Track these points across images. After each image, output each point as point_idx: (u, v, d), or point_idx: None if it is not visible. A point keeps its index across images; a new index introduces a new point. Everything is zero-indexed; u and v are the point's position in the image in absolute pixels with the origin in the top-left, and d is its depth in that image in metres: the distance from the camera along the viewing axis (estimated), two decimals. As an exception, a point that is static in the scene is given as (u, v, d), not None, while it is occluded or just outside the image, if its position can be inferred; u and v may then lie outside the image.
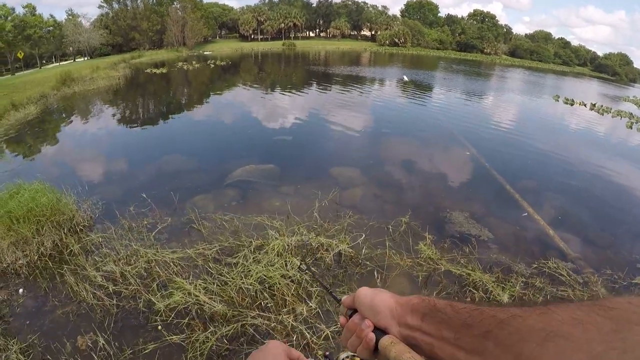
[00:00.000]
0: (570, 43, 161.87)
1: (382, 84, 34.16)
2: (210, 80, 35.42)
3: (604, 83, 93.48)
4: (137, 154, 12.28)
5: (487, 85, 42.94)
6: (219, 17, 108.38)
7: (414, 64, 66.65)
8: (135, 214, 7.23)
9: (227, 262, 5.74)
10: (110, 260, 5.59)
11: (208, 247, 6.13)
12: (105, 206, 7.70)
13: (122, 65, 43.17)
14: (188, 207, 7.77)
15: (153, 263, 5.57)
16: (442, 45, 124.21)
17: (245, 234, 6.56)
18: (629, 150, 19.06)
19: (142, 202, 7.62)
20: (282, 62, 58.57)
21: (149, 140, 14.31)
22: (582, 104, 33.18)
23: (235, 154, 11.78)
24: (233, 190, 8.97)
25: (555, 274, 6.41)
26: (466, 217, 8.33)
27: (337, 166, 10.98)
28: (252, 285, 5.10)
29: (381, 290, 1.08)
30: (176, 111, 20.19)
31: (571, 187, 11.58)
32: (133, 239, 6.27)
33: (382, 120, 18.53)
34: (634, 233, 8.97)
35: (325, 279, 5.66)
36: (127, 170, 10.63)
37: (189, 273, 5.50)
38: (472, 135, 16.27)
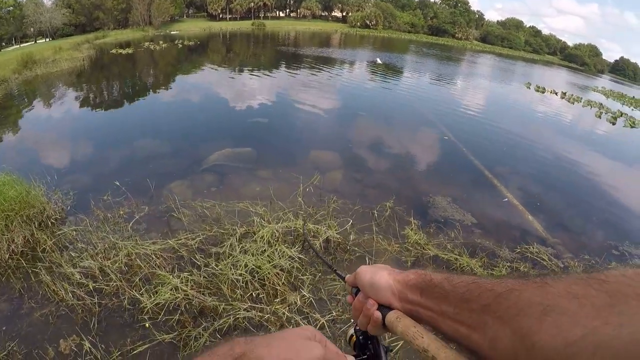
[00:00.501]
0: (541, 32, 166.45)
1: (355, 66, 34.20)
2: (179, 61, 34.71)
3: (573, 72, 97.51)
4: (107, 139, 11.75)
5: (460, 71, 43.60)
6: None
7: (386, 46, 67.10)
8: (110, 204, 6.88)
9: (212, 252, 5.48)
10: (87, 255, 5.24)
11: (191, 236, 5.87)
12: (77, 196, 7.27)
13: (86, 46, 41.90)
14: (165, 194, 7.48)
15: (133, 256, 5.25)
16: (413, 28, 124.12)
17: (228, 221, 6.35)
18: (599, 139, 19.83)
19: (116, 191, 7.27)
20: (252, 42, 57.91)
21: (119, 125, 13.78)
22: (554, 92, 34.40)
23: (210, 137, 11.49)
24: (211, 175, 8.72)
25: (537, 259, 6.60)
26: (449, 201, 8.44)
27: (315, 149, 10.88)
28: (242, 275, 4.89)
29: (379, 267, 1.10)
30: (145, 94, 19.64)
31: (546, 173, 11.99)
32: (110, 231, 5.93)
33: (357, 102, 18.52)
34: (606, 219, 9.32)
35: (316, 266, 5.47)
36: (97, 156, 10.16)
37: (172, 265, 5.23)
38: (448, 120, 16.51)
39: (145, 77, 25.06)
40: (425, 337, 0.89)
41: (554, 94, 33.63)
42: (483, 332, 0.74)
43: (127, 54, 34.95)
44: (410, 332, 0.92)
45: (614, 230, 8.70)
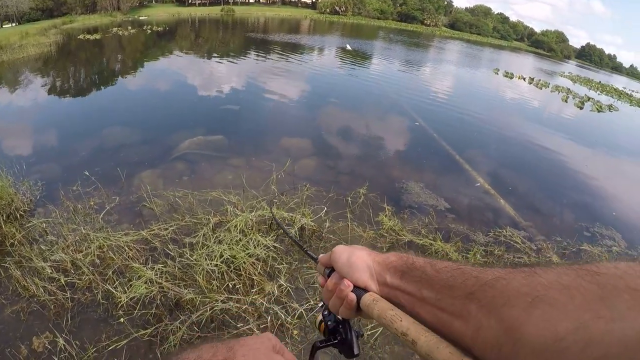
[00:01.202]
0: (509, 18, 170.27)
1: (325, 53, 34.16)
2: (147, 47, 34.10)
3: (540, 58, 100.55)
4: (76, 128, 11.51)
5: (428, 57, 43.90)
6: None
7: (355, 32, 67.40)
8: (80, 194, 6.72)
9: (186, 242, 5.41)
10: (58, 248, 5.10)
11: (163, 227, 5.76)
12: (46, 187, 7.10)
13: (53, 32, 40.91)
14: (136, 184, 7.38)
15: (106, 248, 5.14)
16: (382, 15, 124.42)
17: (201, 210, 6.27)
18: (568, 123, 20.68)
19: (86, 181, 7.10)
20: (221, 28, 57.15)
21: (87, 113, 13.44)
22: (522, 77, 35.50)
23: (180, 125, 11.33)
24: (182, 163, 8.61)
25: (510, 242, 6.73)
26: (421, 187, 8.55)
27: (287, 137, 10.85)
28: (218, 266, 4.84)
29: (357, 247, 1.07)
30: (113, 80, 19.17)
31: (517, 158, 12.43)
32: (81, 222, 5.77)
33: (328, 89, 18.57)
34: (577, 202, 9.76)
35: (291, 254, 5.46)
36: (66, 145, 9.89)
37: (146, 257, 5.14)
38: (419, 106, 16.78)
39: (113, 64, 24.58)
40: (404, 320, 0.86)
41: (522, 79, 34.47)
42: (466, 321, 0.73)
43: (94, 40, 34.18)
44: (387, 316, 0.89)
45: (584, 212, 9.01)
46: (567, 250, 6.85)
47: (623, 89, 53.91)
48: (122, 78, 19.50)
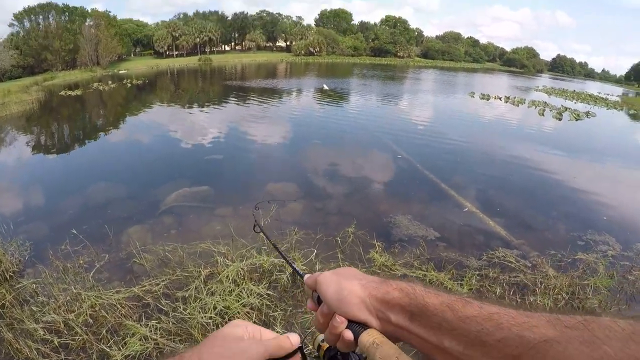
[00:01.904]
0: (479, 41, 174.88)
1: (303, 95, 34.53)
2: (128, 100, 34.35)
3: (514, 76, 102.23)
4: (61, 185, 11.57)
5: (405, 89, 44.43)
6: (134, 33, 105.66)
7: (331, 72, 68.31)
8: (69, 253, 6.69)
9: (179, 296, 5.39)
10: (49, 309, 5.07)
11: (155, 282, 5.75)
12: (34, 247, 7.10)
13: (35, 89, 41.18)
14: (125, 240, 7.37)
15: (98, 307, 5.11)
16: (356, 51, 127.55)
17: (192, 263, 6.24)
18: (548, 135, 21.07)
19: (74, 239, 7.05)
20: (200, 78, 57.90)
21: (72, 169, 13.56)
22: (498, 97, 35.97)
23: (165, 178, 11.35)
24: (170, 217, 8.62)
25: (504, 262, 6.76)
26: (409, 219, 8.55)
27: (273, 182, 10.89)
28: (212, 318, 4.84)
29: (346, 275, 0.97)
30: (97, 136, 19.28)
31: (501, 177, 12.52)
32: (71, 282, 5.73)
33: (309, 130, 18.81)
34: (567, 212, 9.87)
35: (286, 300, 5.45)
36: (52, 203, 9.91)
37: (139, 314, 5.11)
38: (400, 138, 16.97)
39: (95, 119, 24.77)
40: None
41: (498, 99, 35.23)
42: None
43: (76, 96, 34.40)
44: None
45: (575, 221, 9.14)
46: (562, 262, 6.89)
47: (598, 94, 55.73)
48: (105, 133, 19.57)
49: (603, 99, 45.54)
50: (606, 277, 6.29)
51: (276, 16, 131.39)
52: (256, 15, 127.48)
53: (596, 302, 5.64)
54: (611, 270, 6.58)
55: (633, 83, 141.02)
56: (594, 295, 5.82)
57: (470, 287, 5.77)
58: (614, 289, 6.20)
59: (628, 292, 6.18)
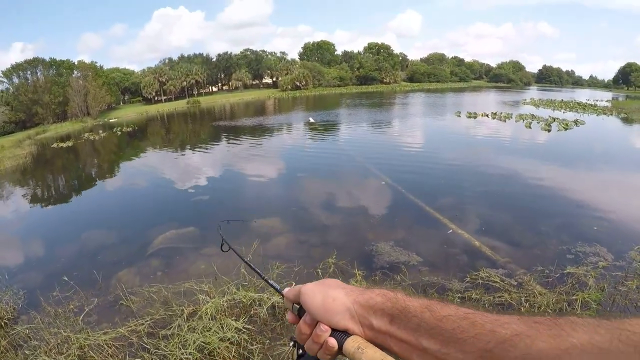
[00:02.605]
0: (464, 60, 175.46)
1: (291, 129, 34.85)
2: (119, 148, 34.90)
3: (502, 91, 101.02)
4: (54, 235, 11.95)
5: (391, 114, 44.49)
6: (121, 82, 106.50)
7: (318, 104, 67.91)
8: (60, 299, 7.06)
9: (161, 334, 5.68)
10: (41, 352, 5.40)
11: (140, 322, 6.05)
12: (27, 294, 7.50)
13: (28, 142, 41.88)
14: (113, 283, 7.68)
15: (86, 348, 5.44)
16: (342, 81, 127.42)
17: (175, 302, 6.53)
18: (536, 148, 20.91)
19: (65, 285, 7.45)
20: (189, 120, 58.37)
21: (65, 218, 13.93)
22: (485, 115, 35.48)
23: (153, 221, 11.72)
24: (156, 259, 8.90)
25: (489, 283, 6.68)
26: (392, 245, 8.55)
27: (257, 218, 10.97)
28: (192, 354, 5.10)
29: (330, 285, 0.99)
30: (88, 185, 19.78)
31: (487, 195, 12.29)
32: (61, 326, 6.08)
33: (295, 164, 19.04)
34: (556, 225, 9.54)
35: (264, 334, 5.68)
36: (45, 253, 10.32)
37: (125, 353, 5.42)
38: (384, 164, 16.99)
39: (88, 168, 25.23)
40: None
41: (485, 116, 34.89)
42: None
43: (68, 147, 34.91)
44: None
45: (564, 234, 8.91)
46: (550, 278, 6.74)
47: (587, 101, 55.07)
48: (96, 182, 20.16)
49: (592, 106, 45.08)
50: (596, 291, 6.20)
51: (260, 54, 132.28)
52: (240, 55, 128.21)
53: None
54: (602, 283, 6.47)
55: (622, 86, 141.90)
56: (582, 310, 5.73)
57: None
58: (605, 302, 6.06)
59: (620, 304, 6.03)
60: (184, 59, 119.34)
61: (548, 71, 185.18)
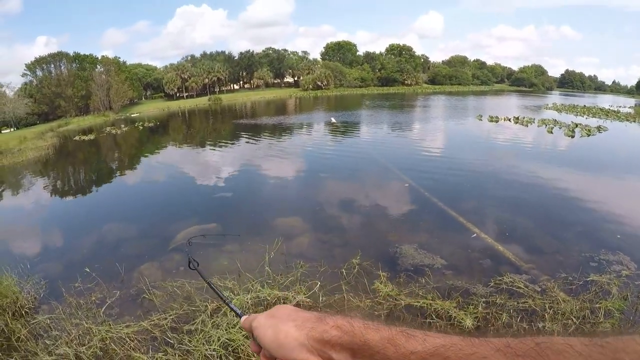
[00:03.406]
0: (485, 63, 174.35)
1: (312, 129, 34.66)
2: (140, 142, 35.13)
3: (524, 95, 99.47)
4: (76, 226, 11.93)
5: (413, 117, 44.14)
6: (144, 77, 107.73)
7: (339, 104, 67.96)
8: (82, 290, 6.97)
9: (185, 329, 5.56)
10: (62, 343, 5.31)
11: (163, 316, 5.94)
12: (49, 284, 7.42)
13: (50, 134, 42.29)
14: (136, 277, 7.59)
15: (108, 340, 5.33)
16: (364, 82, 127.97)
17: (199, 298, 6.41)
18: (557, 153, 20.60)
19: (87, 277, 7.35)
20: (210, 117, 58.68)
21: (86, 210, 13.91)
22: (507, 119, 35.11)
23: (176, 216, 11.61)
24: (179, 254, 8.76)
25: (513, 288, 6.55)
26: (415, 248, 8.41)
27: (280, 217, 10.94)
28: (217, 350, 4.97)
29: (280, 318, 0.93)
30: (110, 178, 19.80)
31: (510, 199, 12.06)
32: (83, 317, 5.99)
33: (318, 165, 18.83)
34: (579, 232, 9.42)
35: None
36: (67, 243, 10.30)
37: (147, 347, 5.30)
38: (408, 166, 16.85)
39: (109, 161, 25.28)
40: None
41: (507, 120, 34.54)
42: None
43: (89, 140, 35.22)
44: None
45: (587, 241, 8.76)
46: (573, 285, 6.64)
47: (610, 107, 53.85)
48: (119, 175, 20.13)
49: (615, 112, 43.98)
50: (619, 299, 6.05)
51: (282, 52, 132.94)
52: (262, 53, 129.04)
53: (608, 325, 5.41)
54: (625, 292, 6.32)
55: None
56: (605, 319, 5.57)
57: (475, 315, 5.69)
58: (628, 310, 5.91)
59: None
60: (206, 57, 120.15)
61: (570, 76, 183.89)
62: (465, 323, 5.51)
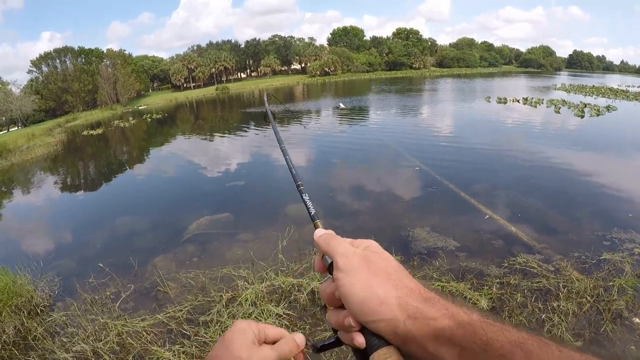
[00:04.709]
0: (493, 45, 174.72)
1: (321, 115, 34.53)
2: (149, 135, 35.20)
3: (532, 77, 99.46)
4: (87, 221, 11.92)
5: (421, 100, 43.81)
6: (150, 69, 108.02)
7: (347, 90, 67.94)
8: (96, 285, 6.97)
9: (200, 321, 5.55)
10: (79, 339, 5.31)
11: (178, 308, 5.92)
12: (63, 282, 7.43)
13: (58, 131, 42.50)
14: (149, 270, 7.57)
15: (124, 335, 5.32)
16: (371, 67, 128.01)
17: (213, 288, 6.41)
18: (569, 134, 20.41)
19: (101, 272, 7.34)
20: (218, 107, 58.73)
21: (97, 205, 13.96)
22: (515, 100, 34.88)
23: (187, 207, 11.62)
24: (192, 245, 8.77)
25: (526, 268, 6.54)
26: (428, 231, 8.38)
27: (292, 204, 10.84)
28: (234, 341, 4.90)
29: (376, 273, 0.77)
30: (119, 171, 19.86)
31: (521, 180, 12.00)
32: (98, 312, 6.00)
33: (327, 150, 18.72)
34: (591, 211, 9.31)
35: (305, 319, 5.53)
36: (79, 239, 10.31)
37: (164, 339, 5.29)
38: (417, 149, 16.72)
39: (119, 155, 25.37)
40: None
41: (515, 102, 34.38)
42: None
43: (98, 135, 35.32)
44: None
45: (599, 220, 8.70)
46: (586, 264, 6.62)
47: (618, 87, 53.55)
48: (128, 168, 20.15)
49: (624, 92, 43.57)
50: (632, 277, 6.05)
51: (289, 39, 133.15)
52: (269, 41, 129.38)
53: (623, 303, 5.43)
54: (637, 269, 6.32)
55: None
56: (619, 296, 5.59)
57: (490, 296, 5.68)
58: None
59: None
60: (212, 46, 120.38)
61: (579, 56, 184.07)
62: (480, 304, 5.46)
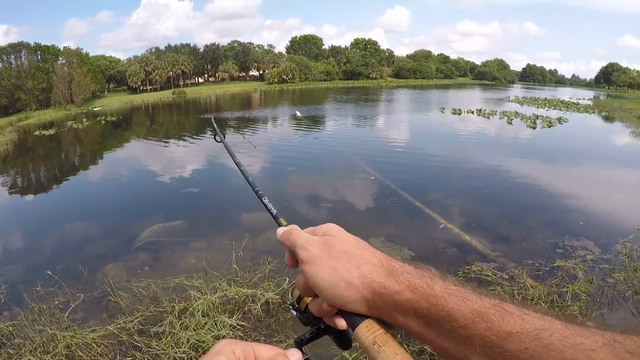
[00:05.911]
0: (449, 57, 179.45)
1: (277, 123, 34.62)
2: (103, 137, 34.52)
3: (486, 89, 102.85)
4: (36, 226, 11.55)
5: (377, 110, 44.66)
6: (107, 70, 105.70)
7: (304, 98, 68.63)
8: (44, 294, 6.78)
9: (152, 332, 5.47)
10: (26, 351, 5.15)
11: (129, 319, 5.80)
12: (9, 290, 7.19)
13: (9, 129, 41.14)
14: (100, 278, 7.41)
15: (74, 347, 5.19)
16: (329, 76, 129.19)
17: (165, 298, 6.30)
18: (519, 144, 21.46)
19: (49, 280, 7.16)
20: (174, 111, 58.12)
21: (47, 209, 13.60)
22: (470, 111, 36.13)
23: (140, 214, 11.53)
24: (144, 253, 8.65)
25: (481, 277, 6.67)
26: (382, 241, 8.47)
27: (246, 212, 10.83)
28: (186, 352, 4.92)
29: (337, 257, 0.79)
30: (71, 174, 19.35)
31: (475, 190, 12.39)
32: (47, 323, 5.83)
33: (282, 158, 18.75)
34: (543, 220, 9.79)
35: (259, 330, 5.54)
36: (27, 245, 10.01)
37: (115, 352, 5.19)
38: (373, 159, 16.94)
39: (71, 157, 24.84)
40: None
41: (470, 113, 35.46)
42: None
43: (50, 135, 34.32)
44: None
45: (552, 229, 9.09)
46: (540, 271, 6.84)
47: (569, 99, 56.73)
48: (80, 171, 19.72)
49: (575, 104, 46.63)
50: (585, 283, 6.31)
51: (248, 46, 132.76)
52: (228, 46, 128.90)
53: (576, 308, 5.61)
54: (590, 275, 6.59)
55: (603, 85, 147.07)
56: (573, 302, 5.80)
57: None
58: (594, 293, 6.20)
59: (609, 296, 6.18)
60: (170, 49, 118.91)
61: (532, 70, 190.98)
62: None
